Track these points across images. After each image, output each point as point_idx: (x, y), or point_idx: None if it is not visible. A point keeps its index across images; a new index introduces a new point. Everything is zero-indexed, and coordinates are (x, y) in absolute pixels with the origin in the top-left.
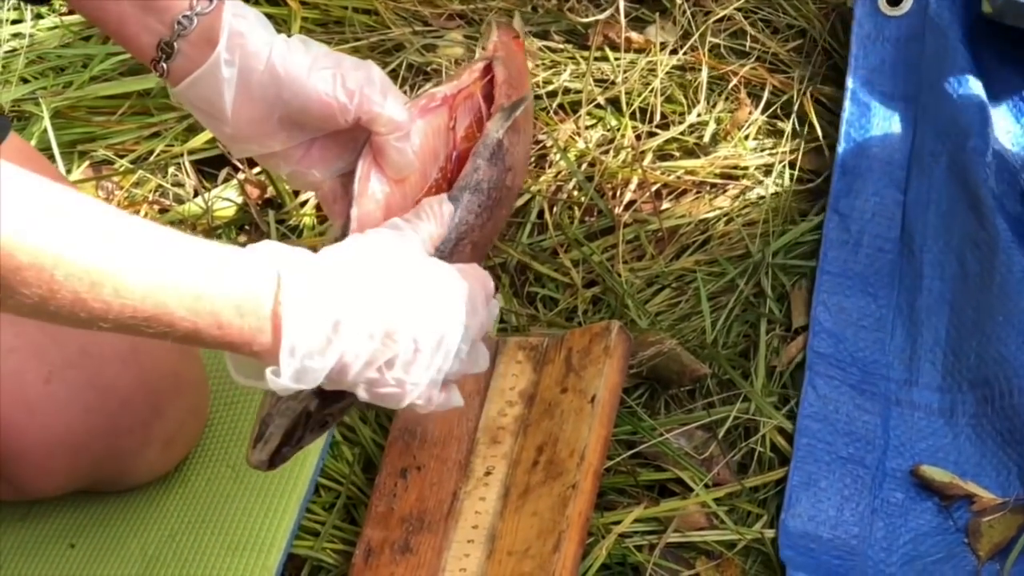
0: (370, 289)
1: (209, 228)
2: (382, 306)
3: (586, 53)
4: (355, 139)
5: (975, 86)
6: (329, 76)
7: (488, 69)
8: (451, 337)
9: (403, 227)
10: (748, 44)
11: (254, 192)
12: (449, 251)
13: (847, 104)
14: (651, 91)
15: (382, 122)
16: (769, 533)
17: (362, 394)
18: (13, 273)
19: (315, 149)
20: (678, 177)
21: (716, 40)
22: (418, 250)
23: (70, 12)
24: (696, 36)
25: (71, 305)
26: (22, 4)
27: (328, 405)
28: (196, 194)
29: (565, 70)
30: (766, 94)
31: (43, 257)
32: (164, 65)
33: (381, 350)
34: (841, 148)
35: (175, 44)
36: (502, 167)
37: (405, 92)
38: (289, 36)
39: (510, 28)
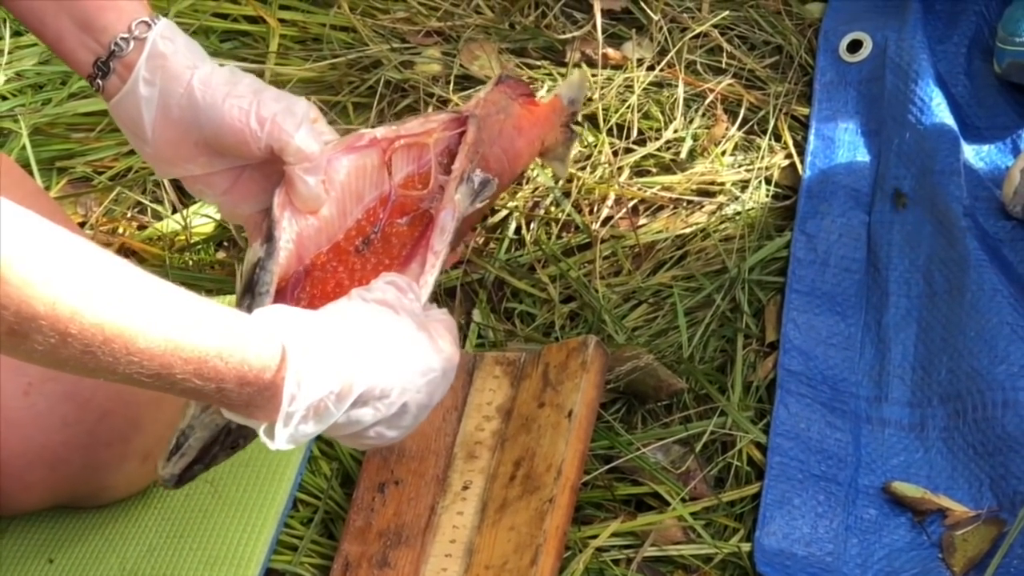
0: (369, 357)
1: (187, 244)
2: (380, 374)
3: (563, 70)
4: (281, 173)
5: (940, 112)
6: (245, 104)
7: (460, 122)
8: (437, 397)
9: (404, 287)
10: (724, 61)
11: None
12: None
13: (811, 139)
14: (628, 107)
15: (290, 151)
16: (746, 547)
17: (342, 442)
18: (28, 321)
19: (242, 182)
20: (655, 193)
21: (693, 57)
22: (417, 314)
23: None
24: (673, 52)
25: (80, 356)
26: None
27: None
28: (174, 211)
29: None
30: (742, 110)
31: (61, 308)
32: (100, 82)
33: (373, 415)
34: (806, 175)
35: (110, 64)
36: (455, 242)
37: (383, 109)
38: (267, 52)
39: (518, 85)
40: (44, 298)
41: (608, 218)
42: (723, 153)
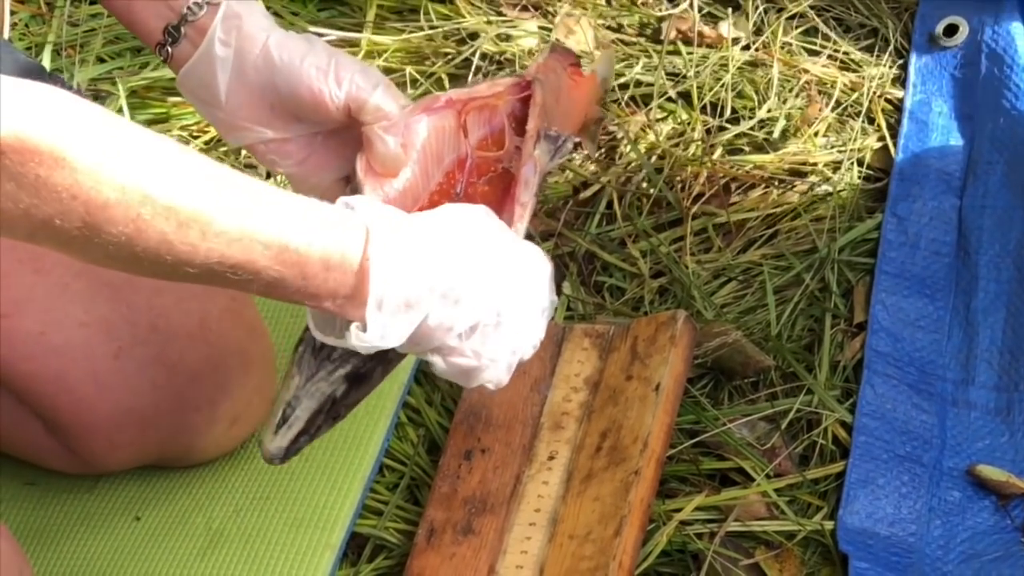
0: (462, 254)
1: None
2: (472, 272)
3: (659, 47)
4: (357, 141)
5: None
6: (323, 63)
7: (523, 86)
8: (533, 316)
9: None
10: (819, 42)
11: None
12: None
13: (905, 122)
14: (722, 86)
15: (368, 110)
16: (829, 525)
17: (438, 363)
18: (100, 209)
19: (317, 151)
20: (747, 171)
21: (788, 38)
22: (505, 228)
23: None
24: (768, 32)
25: (157, 247)
26: None
27: (350, 394)
28: (268, 176)
29: (637, 63)
30: (836, 92)
31: (131, 194)
32: (169, 50)
33: (465, 316)
34: (899, 157)
35: (182, 29)
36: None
37: (477, 81)
38: (364, 21)
39: (568, 54)
40: (112, 183)
41: (699, 195)
42: (816, 134)
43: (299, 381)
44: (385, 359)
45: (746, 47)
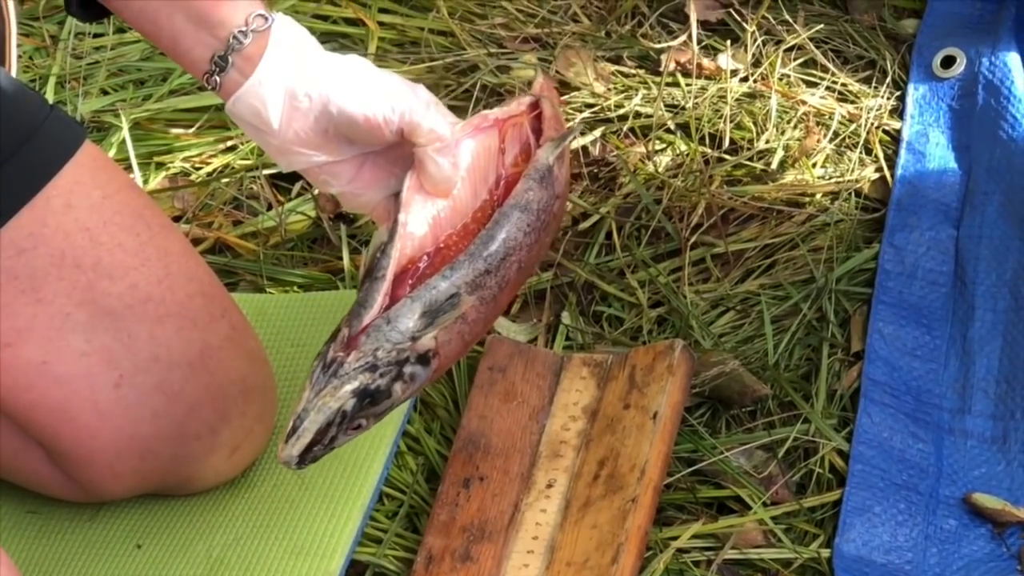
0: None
1: (281, 241)
2: None
3: (658, 78)
4: (406, 158)
5: None
6: (374, 89)
7: (535, 105)
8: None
9: None
10: (818, 73)
11: (327, 206)
12: (496, 266)
13: (902, 152)
14: (721, 117)
15: (422, 133)
16: (825, 553)
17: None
18: None
19: (366, 170)
20: (745, 202)
21: (786, 70)
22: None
23: None
24: (766, 64)
25: None
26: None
27: (364, 408)
28: (270, 207)
29: (636, 95)
30: (834, 123)
31: None
32: (217, 79)
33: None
34: (896, 187)
35: (229, 58)
36: (551, 192)
37: (476, 112)
38: (366, 54)
39: (551, 79)
40: None
41: (698, 225)
42: (814, 165)
43: (308, 395)
44: (401, 374)
45: (744, 79)
